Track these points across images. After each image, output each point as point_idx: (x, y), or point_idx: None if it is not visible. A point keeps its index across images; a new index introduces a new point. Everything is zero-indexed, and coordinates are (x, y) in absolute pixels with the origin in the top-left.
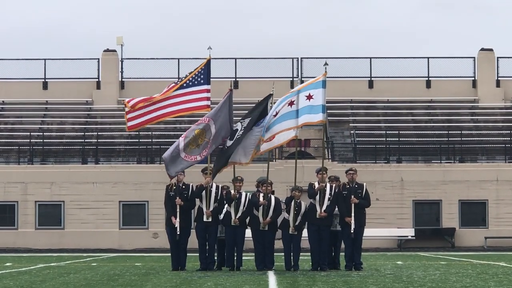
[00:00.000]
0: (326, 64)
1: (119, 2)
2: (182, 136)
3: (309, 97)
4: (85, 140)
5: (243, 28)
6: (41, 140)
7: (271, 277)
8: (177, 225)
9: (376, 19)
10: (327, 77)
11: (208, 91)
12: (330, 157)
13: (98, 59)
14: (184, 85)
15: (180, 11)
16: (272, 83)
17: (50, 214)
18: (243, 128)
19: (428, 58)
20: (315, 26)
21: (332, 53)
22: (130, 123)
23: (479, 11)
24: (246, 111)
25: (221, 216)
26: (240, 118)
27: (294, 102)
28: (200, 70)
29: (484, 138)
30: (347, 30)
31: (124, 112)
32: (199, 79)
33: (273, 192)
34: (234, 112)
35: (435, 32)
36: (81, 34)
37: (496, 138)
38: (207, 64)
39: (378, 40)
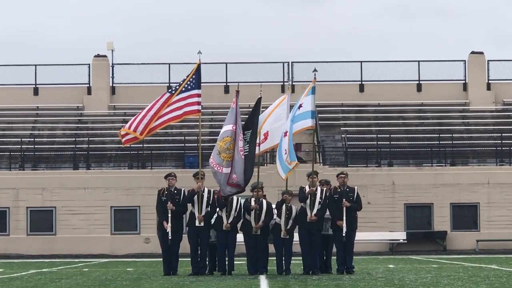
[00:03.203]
0: (315, 70)
1: (109, 8)
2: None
3: (300, 106)
4: (76, 146)
5: (234, 33)
6: (32, 146)
7: (263, 281)
8: (168, 230)
9: (366, 23)
10: (318, 81)
11: (198, 95)
12: (321, 161)
13: (89, 64)
14: (174, 91)
15: (171, 16)
16: (261, 87)
17: (41, 220)
18: (247, 143)
19: (418, 61)
20: (305, 31)
21: (322, 57)
22: (124, 139)
23: (469, 15)
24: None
25: (212, 221)
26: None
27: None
28: (192, 76)
29: (475, 141)
30: (337, 34)
31: (115, 118)
32: (190, 84)
33: (264, 197)
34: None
35: (425, 35)
36: (71, 40)
37: (487, 141)
38: (198, 69)
39: (369, 44)
